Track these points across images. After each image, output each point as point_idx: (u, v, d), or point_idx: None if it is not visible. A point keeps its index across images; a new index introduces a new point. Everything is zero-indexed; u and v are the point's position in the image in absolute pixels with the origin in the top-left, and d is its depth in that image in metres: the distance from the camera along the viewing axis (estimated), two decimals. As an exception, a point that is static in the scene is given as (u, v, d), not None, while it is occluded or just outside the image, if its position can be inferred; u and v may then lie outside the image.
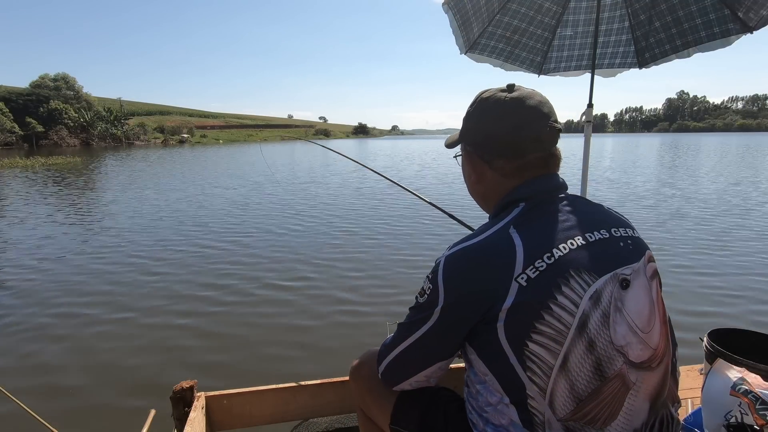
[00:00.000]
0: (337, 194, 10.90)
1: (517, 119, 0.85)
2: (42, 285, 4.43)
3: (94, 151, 47.20)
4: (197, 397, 1.36)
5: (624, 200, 9.34)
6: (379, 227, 6.91)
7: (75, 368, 2.88)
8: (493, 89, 0.90)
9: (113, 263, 5.15)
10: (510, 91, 0.87)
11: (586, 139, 2.39)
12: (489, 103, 0.88)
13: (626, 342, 0.74)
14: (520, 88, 0.88)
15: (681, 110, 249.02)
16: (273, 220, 7.69)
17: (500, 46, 2.64)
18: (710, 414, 1.13)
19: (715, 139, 71.48)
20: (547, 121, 0.85)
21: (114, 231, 6.94)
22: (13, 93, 68.21)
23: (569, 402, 0.73)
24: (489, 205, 0.94)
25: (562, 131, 0.90)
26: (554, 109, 0.88)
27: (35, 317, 3.65)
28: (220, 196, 10.75)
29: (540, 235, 0.77)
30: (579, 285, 0.73)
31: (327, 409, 1.48)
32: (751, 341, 1.41)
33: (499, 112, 0.86)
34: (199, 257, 5.37)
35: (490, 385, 0.80)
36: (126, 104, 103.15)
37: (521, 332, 0.73)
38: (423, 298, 0.84)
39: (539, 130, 0.85)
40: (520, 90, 0.87)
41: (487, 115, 0.88)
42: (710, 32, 2.19)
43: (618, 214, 0.89)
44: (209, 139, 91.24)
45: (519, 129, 0.85)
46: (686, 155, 27.27)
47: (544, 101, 0.87)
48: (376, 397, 1.03)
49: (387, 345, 0.94)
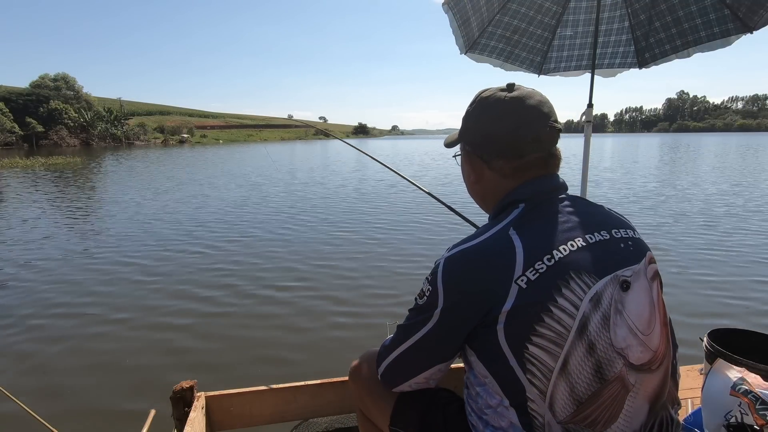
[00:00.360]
0: (335, 194, 10.91)
1: (516, 119, 0.84)
2: (41, 285, 4.43)
3: (94, 151, 47.19)
4: (197, 397, 1.36)
5: (624, 201, 9.34)
6: (380, 227, 6.92)
7: (75, 368, 2.88)
8: (493, 88, 0.89)
9: (113, 263, 5.15)
10: (510, 90, 0.87)
11: (586, 139, 2.39)
12: (488, 103, 0.87)
13: (626, 344, 0.73)
14: (520, 87, 0.87)
15: (681, 110, 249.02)
16: (275, 220, 7.70)
17: (500, 46, 2.64)
18: (710, 414, 1.13)
19: (715, 139, 71.46)
20: (547, 121, 0.85)
21: (113, 231, 6.93)
22: (13, 93, 68.22)
23: (569, 404, 0.73)
24: (488, 206, 0.94)
25: (562, 131, 0.90)
26: (554, 109, 0.87)
27: (35, 317, 3.65)
28: (219, 197, 10.75)
29: (540, 236, 0.77)
30: (579, 287, 0.73)
31: (327, 409, 1.48)
32: (751, 341, 1.41)
33: (498, 111, 0.85)
34: (199, 257, 5.37)
35: (489, 388, 0.80)
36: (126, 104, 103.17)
37: (521, 335, 0.73)
38: (422, 300, 0.83)
39: (539, 130, 0.84)
40: (520, 89, 0.86)
41: (487, 114, 0.87)
42: (710, 32, 2.19)
43: (618, 215, 0.89)
44: (209, 139, 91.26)
45: (518, 129, 0.84)
46: (686, 155, 27.28)
47: (544, 101, 0.86)
48: (376, 398, 1.03)
49: (386, 346, 0.93)
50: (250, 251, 5.61)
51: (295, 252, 5.52)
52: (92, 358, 3.00)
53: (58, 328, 3.45)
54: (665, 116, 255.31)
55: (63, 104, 67.15)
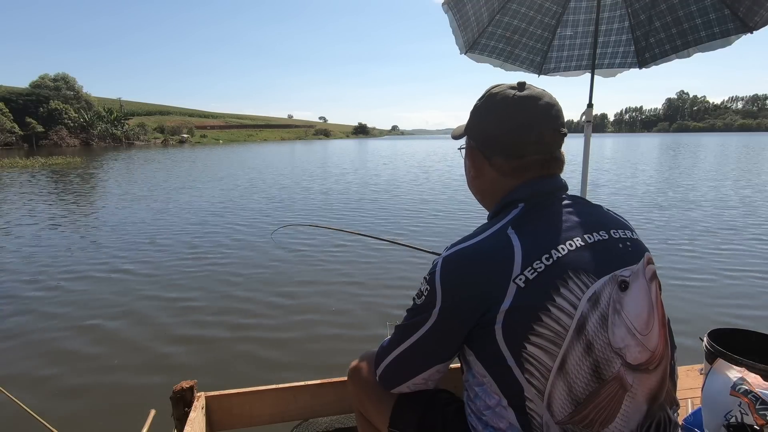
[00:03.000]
0: (335, 194, 10.92)
1: (521, 119, 0.83)
2: (41, 286, 4.43)
3: (94, 151, 47.19)
4: (197, 397, 1.36)
5: (624, 201, 9.34)
6: (380, 227, 6.91)
7: (75, 368, 2.88)
8: (504, 85, 0.87)
9: (112, 264, 5.15)
10: (520, 89, 0.85)
11: (586, 139, 2.39)
12: (496, 100, 0.86)
13: (624, 344, 0.73)
14: (531, 87, 0.85)
15: (681, 110, 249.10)
16: (276, 220, 7.70)
17: (500, 46, 2.64)
18: (710, 414, 1.13)
19: (716, 139, 71.44)
20: (553, 124, 0.83)
21: (111, 232, 6.93)
22: (13, 93, 68.25)
23: (567, 404, 0.73)
24: (486, 202, 0.93)
25: (567, 135, 0.88)
26: (563, 114, 0.86)
27: (35, 319, 3.65)
28: (218, 197, 10.76)
29: (539, 236, 0.76)
30: (577, 287, 0.73)
31: (327, 409, 1.48)
32: (751, 341, 1.41)
33: (504, 109, 0.84)
34: (199, 258, 5.37)
35: (488, 388, 0.79)
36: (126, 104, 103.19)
37: (519, 334, 0.72)
38: (420, 300, 0.82)
39: (542, 132, 0.83)
40: (531, 89, 0.85)
41: (492, 111, 0.86)
42: (710, 32, 2.19)
43: (617, 215, 0.88)
44: (209, 139, 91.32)
45: (521, 129, 0.83)
46: (686, 155, 27.27)
47: (552, 103, 0.84)
48: (374, 399, 1.02)
49: (384, 347, 0.93)
50: (251, 250, 5.61)
51: (296, 251, 5.52)
52: (92, 358, 3.00)
53: (57, 329, 3.45)
54: (665, 116, 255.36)
55: (63, 104, 67.16)
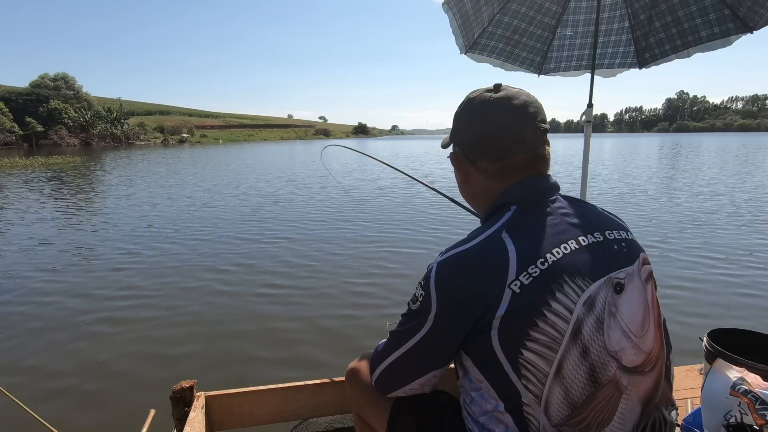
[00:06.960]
0: (334, 193, 10.92)
1: (500, 120, 0.83)
2: (41, 285, 4.43)
3: (94, 150, 47.17)
4: (197, 397, 1.36)
5: (624, 201, 9.34)
6: (381, 227, 6.92)
7: (75, 368, 2.88)
8: (480, 89, 0.89)
9: (112, 263, 5.14)
10: (496, 91, 0.86)
11: (586, 139, 2.39)
12: (474, 104, 0.87)
13: (620, 347, 0.73)
14: (507, 88, 0.86)
15: (681, 110, 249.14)
16: (278, 220, 7.70)
17: (500, 46, 2.64)
18: (710, 414, 1.13)
19: (716, 139, 71.45)
20: (533, 121, 0.83)
21: (112, 230, 6.93)
22: (13, 93, 68.17)
23: (564, 408, 0.73)
24: (477, 206, 0.93)
25: (549, 131, 0.88)
26: (542, 109, 0.86)
27: (34, 318, 3.65)
28: (217, 198, 10.76)
29: (533, 239, 0.76)
30: (573, 290, 0.72)
31: (326, 409, 1.48)
32: (751, 341, 1.41)
33: (482, 112, 0.85)
34: (199, 257, 5.37)
35: (485, 392, 0.79)
36: (126, 104, 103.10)
37: (515, 340, 0.72)
38: (415, 305, 0.82)
39: (523, 130, 0.83)
40: (506, 90, 0.86)
41: (472, 115, 0.87)
42: (710, 32, 2.19)
43: (612, 215, 0.88)
44: (209, 139, 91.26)
45: (500, 129, 0.83)
46: (686, 155, 27.27)
47: (530, 101, 0.85)
48: (372, 401, 1.02)
49: (380, 352, 0.92)
50: (251, 250, 5.61)
51: (297, 251, 5.52)
52: (92, 358, 2.99)
53: (57, 328, 3.44)
54: (665, 116, 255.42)
55: (63, 104, 67.10)
